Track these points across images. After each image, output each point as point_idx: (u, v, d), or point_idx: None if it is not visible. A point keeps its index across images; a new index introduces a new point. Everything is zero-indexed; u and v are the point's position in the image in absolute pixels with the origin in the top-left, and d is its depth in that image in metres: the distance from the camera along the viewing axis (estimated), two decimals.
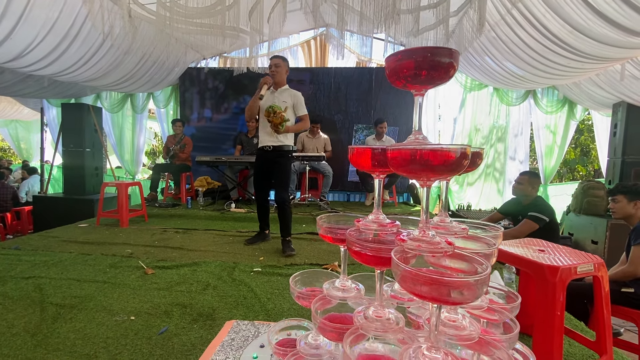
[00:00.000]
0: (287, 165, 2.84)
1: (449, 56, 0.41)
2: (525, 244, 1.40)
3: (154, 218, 4.19)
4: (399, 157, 0.43)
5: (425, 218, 0.50)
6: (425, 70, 0.41)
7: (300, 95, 2.84)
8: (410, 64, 0.42)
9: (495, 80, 5.00)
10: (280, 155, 2.80)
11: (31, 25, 3.03)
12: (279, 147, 2.79)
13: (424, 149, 0.40)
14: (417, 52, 0.41)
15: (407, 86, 0.46)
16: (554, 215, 2.80)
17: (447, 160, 0.40)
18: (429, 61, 0.41)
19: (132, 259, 2.54)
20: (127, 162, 6.97)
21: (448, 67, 0.42)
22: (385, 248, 0.50)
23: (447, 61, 0.41)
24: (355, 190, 5.86)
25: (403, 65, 0.43)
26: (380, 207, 0.57)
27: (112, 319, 1.65)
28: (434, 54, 0.41)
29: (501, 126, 5.82)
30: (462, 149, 0.40)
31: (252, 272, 2.32)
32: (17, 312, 1.69)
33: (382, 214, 0.56)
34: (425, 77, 0.42)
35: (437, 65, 0.41)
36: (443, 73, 0.42)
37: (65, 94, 5.80)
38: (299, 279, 0.79)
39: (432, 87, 0.46)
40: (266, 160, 2.83)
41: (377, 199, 0.58)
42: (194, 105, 6.18)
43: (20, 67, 3.66)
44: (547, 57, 3.62)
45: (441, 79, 0.44)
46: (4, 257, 2.53)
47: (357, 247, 0.53)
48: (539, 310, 1.16)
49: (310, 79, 5.82)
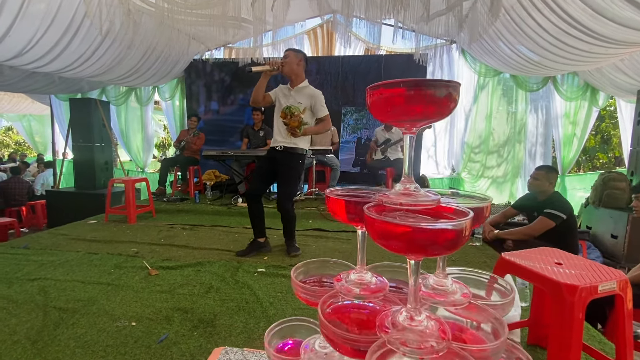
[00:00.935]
0: (295, 169, 2.56)
1: (447, 88, 0.32)
2: (540, 254, 1.30)
3: (162, 213, 4.20)
4: (380, 230, 0.34)
5: (414, 299, 0.39)
6: (419, 106, 0.33)
7: (320, 96, 2.52)
8: (400, 99, 0.33)
9: (510, 66, 4.76)
10: (290, 158, 2.53)
11: (30, 21, 2.99)
12: (291, 149, 2.51)
13: (413, 226, 0.31)
14: (409, 84, 0.33)
15: (397, 123, 0.38)
16: (572, 212, 2.66)
17: (441, 238, 0.32)
18: (424, 96, 0.32)
19: (137, 259, 2.54)
20: (135, 155, 7.02)
21: (447, 102, 0.33)
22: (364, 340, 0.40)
23: (445, 94, 0.33)
24: (364, 182, 5.76)
25: (390, 101, 0.34)
26: (364, 262, 0.48)
27: (113, 324, 1.64)
28: (429, 86, 0.32)
29: (519, 114, 5.55)
30: (460, 225, 0.31)
31: (256, 273, 2.29)
32: (20, 317, 1.70)
33: (368, 272, 0.47)
34: (420, 114, 0.34)
35: (434, 101, 0.32)
36: (442, 108, 0.33)
37: (71, 88, 5.82)
38: (302, 269, 0.66)
39: (428, 123, 0.37)
40: (274, 159, 2.56)
41: (361, 255, 0.49)
42: (200, 98, 6.12)
43: (23, 65, 3.64)
44: (566, 43, 3.39)
45: (440, 115, 0.35)
46: (13, 256, 2.56)
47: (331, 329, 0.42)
48: (554, 329, 1.07)
49: (317, 68, 5.66)
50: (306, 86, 2.53)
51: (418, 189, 0.39)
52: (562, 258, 1.25)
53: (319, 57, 5.87)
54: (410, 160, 0.41)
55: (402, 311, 0.40)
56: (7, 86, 5.07)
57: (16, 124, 11.06)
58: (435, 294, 0.39)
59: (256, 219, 2.66)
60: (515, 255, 1.28)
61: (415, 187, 0.40)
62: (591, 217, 4.30)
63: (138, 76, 5.15)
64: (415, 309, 0.39)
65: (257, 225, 2.67)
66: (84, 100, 5.28)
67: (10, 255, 2.60)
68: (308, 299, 0.50)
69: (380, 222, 0.32)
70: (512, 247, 2.71)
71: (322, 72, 5.64)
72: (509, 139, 5.62)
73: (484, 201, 0.45)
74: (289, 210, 2.60)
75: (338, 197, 0.44)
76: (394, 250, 0.33)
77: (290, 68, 2.47)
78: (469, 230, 0.33)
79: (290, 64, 2.46)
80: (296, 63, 2.48)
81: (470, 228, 0.33)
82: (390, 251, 0.33)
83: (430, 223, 0.32)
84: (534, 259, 1.24)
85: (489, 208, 0.44)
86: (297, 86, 2.51)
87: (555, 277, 1.06)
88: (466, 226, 0.32)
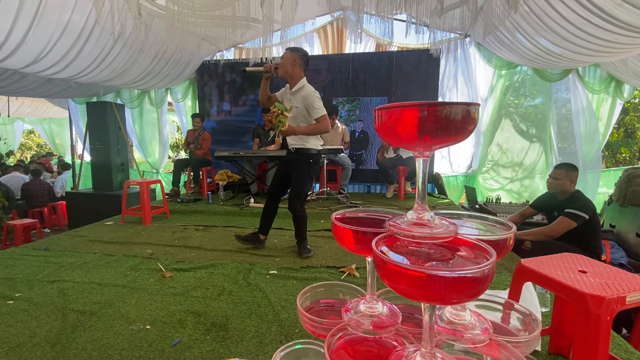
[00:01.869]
0: (305, 169, 2.56)
1: (465, 109, 0.29)
2: (561, 261, 1.24)
3: (176, 214, 4.26)
4: (391, 272, 0.30)
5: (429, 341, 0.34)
6: (434, 129, 0.29)
7: (312, 95, 2.41)
8: (412, 121, 0.30)
9: (529, 59, 4.58)
10: (299, 158, 2.55)
11: (44, 28, 3.06)
12: (301, 150, 2.53)
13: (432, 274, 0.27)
14: (422, 107, 0.29)
15: (409, 147, 0.34)
16: (595, 211, 2.54)
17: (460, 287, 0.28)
18: (439, 118, 0.29)
19: (151, 261, 2.58)
20: (150, 156, 7.15)
21: (465, 124, 0.30)
22: None
23: (462, 116, 0.29)
24: (376, 181, 5.69)
25: (401, 124, 0.31)
26: (375, 290, 0.45)
27: (129, 327, 1.66)
28: (444, 108, 0.28)
29: (538, 109, 5.35)
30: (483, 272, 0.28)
31: (268, 275, 2.28)
32: (40, 319, 1.74)
33: (379, 302, 0.44)
34: (434, 138, 0.30)
35: (450, 123, 0.29)
36: (459, 132, 0.30)
37: (87, 93, 5.96)
38: (309, 294, 0.64)
39: (441, 147, 0.34)
40: (288, 160, 2.65)
41: (371, 283, 0.46)
42: (212, 99, 6.17)
43: (39, 71, 3.74)
44: (590, 33, 3.24)
45: (456, 140, 0.31)
46: (34, 258, 2.64)
47: None
48: (578, 342, 1.01)
49: (327, 67, 5.61)
50: (302, 87, 2.45)
51: (433, 219, 0.36)
52: (586, 265, 1.18)
53: (328, 56, 5.81)
54: (425, 185, 0.38)
55: (417, 356, 0.37)
56: (27, 91, 5.24)
57: (37, 127, 11.45)
58: (452, 330, 0.36)
59: (266, 216, 2.76)
60: (535, 262, 1.22)
61: (430, 216, 0.36)
62: (615, 215, 4.13)
63: (150, 78, 5.23)
64: (431, 353, 0.36)
65: (264, 222, 2.78)
66: (100, 103, 5.41)
67: (31, 256, 2.68)
68: (315, 331, 0.48)
69: (391, 264, 0.29)
70: (530, 249, 2.62)
71: (332, 70, 5.59)
72: (527, 135, 5.43)
73: (507, 229, 0.41)
74: (298, 210, 2.61)
75: (345, 227, 0.41)
76: (407, 296, 0.30)
77: (285, 71, 2.43)
78: (492, 273, 0.29)
79: (284, 67, 2.42)
80: (291, 64, 2.42)
81: (494, 269, 0.30)
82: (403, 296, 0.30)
83: (448, 270, 0.28)
84: (555, 266, 1.19)
85: (513, 238, 0.41)
86: (294, 88, 2.47)
87: (579, 287, 1.01)
88: (489, 272, 0.29)
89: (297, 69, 2.44)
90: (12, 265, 2.49)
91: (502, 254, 0.39)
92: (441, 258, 0.33)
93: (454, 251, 0.35)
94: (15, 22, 2.94)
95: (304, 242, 2.71)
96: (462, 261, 0.33)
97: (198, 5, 3.31)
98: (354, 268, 2.37)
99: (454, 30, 5.28)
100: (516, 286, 1.28)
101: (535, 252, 2.55)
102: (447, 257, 0.33)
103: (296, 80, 2.46)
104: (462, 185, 5.78)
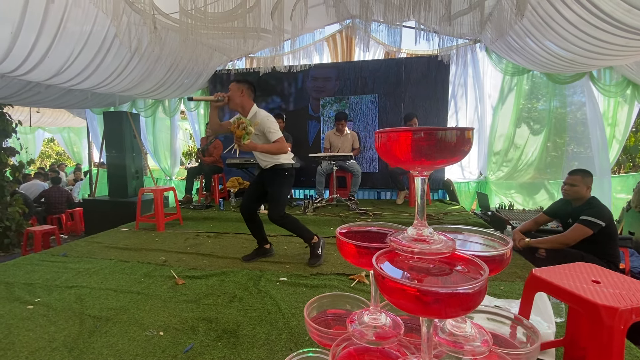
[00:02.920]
0: (279, 181, 2.59)
1: (459, 133, 0.31)
2: (574, 270, 1.22)
3: (188, 221, 4.34)
4: (393, 286, 0.32)
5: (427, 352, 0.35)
6: (430, 151, 0.31)
7: (267, 120, 2.47)
8: (409, 144, 0.32)
9: (539, 64, 4.53)
10: (275, 175, 2.58)
11: (66, 42, 3.20)
12: (274, 166, 2.57)
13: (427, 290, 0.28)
14: (417, 131, 0.31)
15: (407, 167, 0.36)
16: (612, 218, 2.48)
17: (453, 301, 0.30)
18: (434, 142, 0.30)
19: (165, 267, 2.63)
20: (164, 164, 7.31)
21: (460, 146, 0.32)
22: None
23: (457, 139, 0.31)
24: (386, 187, 5.67)
25: (398, 146, 0.33)
26: (378, 301, 0.46)
27: (143, 333, 1.70)
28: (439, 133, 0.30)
29: (551, 114, 5.25)
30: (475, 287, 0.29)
31: (278, 282, 2.30)
32: (58, 324, 1.80)
33: (382, 314, 0.45)
34: (431, 160, 0.32)
35: (445, 146, 0.31)
36: (454, 153, 0.32)
37: (104, 103, 6.16)
38: (315, 305, 0.66)
39: (440, 167, 0.36)
40: (262, 177, 2.67)
41: (375, 294, 0.47)
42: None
43: (61, 83, 3.90)
44: (599, 38, 3.19)
45: (452, 161, 0.33)
46: (53, 264, 2.73)
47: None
48: (592, 354, 1.00)
49: (337, 75, 5.67)
50: (255, 113, 2.52)
51: (432, 234, 0.37)
52: (599, 275, 1.16)
53: (338, 64, 5.87)
54: (424, 201, 0.39)
55: None
56: (48, 102, 5.46)
57: (56, 135, 11.85)
58: (453, 342, 0.37)
59: (254, 231, 2.79)
60: (547, 271, 1.21)
61: (429, 232, 0.38)
62: (634, 221, 4.01)
63: (165, 88, 5.38)
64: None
65: (257, 235, 2.81)
66: (116, 113, 5.58)
67: (50, 262, 2.77)
68: (321, 341, 0.49)
69: (389, 280, 0.31)
70: (545, 257, 2.56)
71: (342, 78, 5.64)
72: (540, 140, 5.33)
73: (505, 245, 0.42)
74: (280, 219, 2.61)
75: (348, 241, 0.43)
76: (405, 310, 0.32)
77: (235, 103, 2.49)
78: (484, 289, 0.31)
79: (233, 99, 2.47)
80: (239, 95, 2.48)
81: (486, 285, 0.31)
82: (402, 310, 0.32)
83: (441, 287, 0.30)
84: (567, 275, 1.17)
85: (510, 253, 0.42)
86: (248, 116, 2.50)
87: (592, 298, 0.99)
88: (481, 288, 0.30)
89: (246, 98, 2.51)
90: (32, 271, 2.58)
91: (500, 269, 0.40)
92: (439, 273, 0.34)
93: (452, 266, 0.36)
94: (38, 36, 3.09)
95: (313, 246, 2.72)
96: (460, 276, 0.34)
97: (210, 18, 3.41)
98: (364, 276, 2.36)
99: (463, 36, 5.28)
100: (528, 296, 1.26)
101: (550, 260, 2.50)
102: (445, 272, 0.35)
103: (247, 109, 2.52)
104: (474, 192, 5.71)
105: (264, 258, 2.82)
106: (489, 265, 0.34)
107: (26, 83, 4.21)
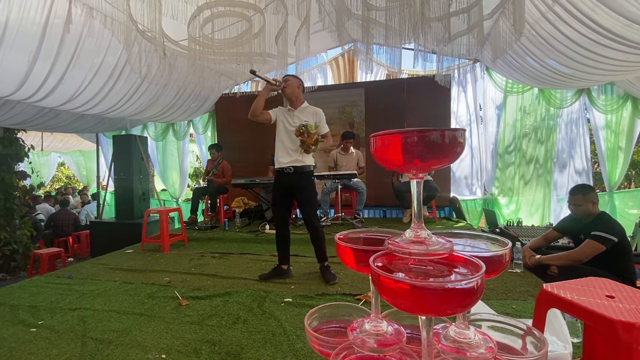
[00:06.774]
0: (312, 187, 2.71)
1: (451, 134, 0.31)
2: (587, 285, 1.18)
3: (193, 242, 4.32)
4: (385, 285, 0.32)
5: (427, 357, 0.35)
6: (423, 153, 0.32)
7: (322, 113, 2.71)
8: (402, 146, 0.33)
9: (540, 81, 4.58)
10: (302, 177, 2.65)
11: (79, 69, 3.35)
12: (300, 168, 2.63)
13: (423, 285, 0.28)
14: (409, 132, 0.32)
15: (402, 170, 0.37)
16: (624, 233, 2.42)
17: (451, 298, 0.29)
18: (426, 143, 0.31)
19: (169, 288, 2.60)
20: (171, 186, 7.38)
21: (452, 147, 0.32)
22: None
23: (449, 140, 0.32)
24: (392, 205, 5.63)
25: (392, 149, 0.34)
26: (379, 309, 0.45)
27: (145, 356, 1.66)
28: (431, 133, 0.31)
29: (553, 129, 5.26)
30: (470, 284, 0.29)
31: (283, 303, 2.26)
32: (60, 347, 1.77)
33: (383, 321, 0.45)
34: (424, 161, 0.33)
35: (438, 147, 0.31)
36: (447, 154, 0.32)
37: (115, 127, 6.34)
38: (316, 315, 0.63)
39: (435, 169, 0.36)
40: (287, 183, 2.65)
41: (375, 301, 0.47)
42: (231, 129, 6.42)
43: (74, 108, 4.04)
44: (599, 53, 3.23)
45: (446, 162, 0.34)
46: (57, 286, 2.72)
47: None
48: None
49: (340, 96, 5.78)
50: (307, 106, 2.71)
51: (430, 237, 0.37)
52: (613, 290, 1.12)
53: (340, 85, 6.00)
54: (420, 204, 0.40)
55: None
56: (61, 127, 5.63)
57: (66, 158, 12.11)
58: (456, 349, 0.36)
59: (282, 244, 2.76)
60: (559, 286, 1.17)
61: (427, 234, 0.38)
62: None
63: (173, 112, 5.52)
64: None
65: (282, 251, 2.77)
66: (125, 137, 5.72)
67: (55, 284, 2.76)
68: (322, 350, 0.48)
69: (384, 278, 0.31)
70: (557, 274, 2.49)
71: (345, 100, 5.75)
72: (543, 156, 5.31)
73: (504, 247, 0.42)
74: (318, 227, 2.66)
75: (346, 245, 0.43)
76: (402, 309, 0.31)
77: (292, 90, 2.65)
78: (482, 287, 0.30)
79: (292, 88, 2.65)
80: (297, 86, 2.68)
81: (483, 283, 0.30)
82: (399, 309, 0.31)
83: (438, 282, 0.30)
84: (580, 290, 1.13)
85: (509, 254, 0.41)
86: (300, 107, 2.68)
87: (607, 313, 0.95)
88: (478, 284, 0.30)
89: (300, 92, 2.73)
90: (37, 293, 2.57)
91: (499, 270, 0.40)
92: (438, 274, 0.34)
93: (451, 267, 0.36)
94: (53, 65, 3.23)
95: (327, 265, 2.70)
96: (458, 277, 0.34)
97: (217, 44, 3.54)
98: (371, 295, 2.31)
99: (462, 56, 5.38)
100: (540, 313, 1.21)
101: (563, 277, 2.41)
102: (444, 274, 0.34)
103: (301, 101, 2.72)
104: (481, 209, 5.64)
105: (280, 279, 2.73)
106: (488, 267, 0.34)
107: (40, 109, 4.36)
